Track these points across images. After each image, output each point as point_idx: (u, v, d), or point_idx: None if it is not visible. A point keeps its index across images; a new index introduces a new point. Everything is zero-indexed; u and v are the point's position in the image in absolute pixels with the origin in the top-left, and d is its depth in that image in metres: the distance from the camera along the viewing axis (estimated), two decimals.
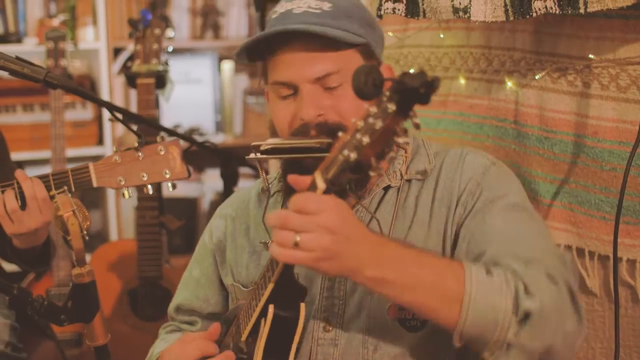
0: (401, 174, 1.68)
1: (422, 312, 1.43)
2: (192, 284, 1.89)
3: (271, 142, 1.60)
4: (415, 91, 1.19)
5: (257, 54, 1.69)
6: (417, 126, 1.23)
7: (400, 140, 1.25)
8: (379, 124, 1.23)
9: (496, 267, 1.42)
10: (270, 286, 1.48)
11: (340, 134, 1.30)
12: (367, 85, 1.23)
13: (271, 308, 1.51)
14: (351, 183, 1.38)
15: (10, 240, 2.12)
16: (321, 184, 1.31)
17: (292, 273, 1.50)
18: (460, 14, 1.96)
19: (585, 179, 1.99)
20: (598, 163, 1.95)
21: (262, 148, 1.59)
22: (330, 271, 1.35)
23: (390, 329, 1.61)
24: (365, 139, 1.24)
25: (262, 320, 1.53)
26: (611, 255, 1.90)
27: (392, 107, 1.22)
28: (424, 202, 1.66)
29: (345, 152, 1.26)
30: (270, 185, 1.80)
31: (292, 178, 1.38)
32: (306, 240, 1.29)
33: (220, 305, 1.86)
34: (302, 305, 1.52)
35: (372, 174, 1.27)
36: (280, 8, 1.67)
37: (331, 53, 1.60)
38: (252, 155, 1.61)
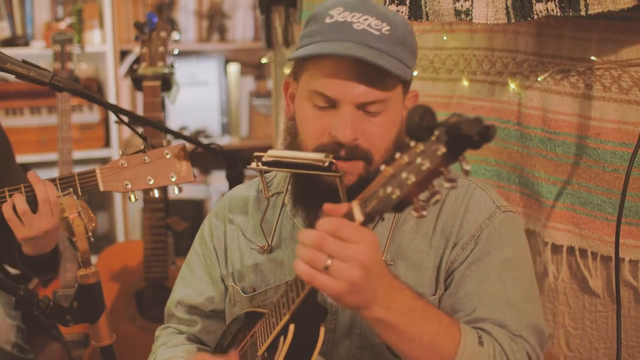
0: None
1: None
2: (195, 281, 1.87)
3: (274, 153, 1.60)
4: (470, 138, 1.16)
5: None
6: (466, 172, 1.20)
7: (447, 184, 1.21)
8: (426, 165, 1.20)
9: (486, 335, 1.50)
10: (294, 307, 1.47)
11: (382, 167, 1.27)
12: (421, 127, 1.19)
13: (292, 327, 1.50)
14: None
15: (19, 248, 2.12)
16: (359, 216, 1.30)
17: (316, 294, 1.48)
18: (462, 16, 1.97)
19: (588, 180, 2.00)
20: (600, 164, 1.96)
21: (264, 159, 1.59)
22: (347, 303, 1.35)
23: (380, 351, 1.62)
24: (411, 178, 1.21)
25: (282, 338, 1.53)
26: (613, 256, 1.91)
27: (442, 149, 1.18)
28: (424, 230, 1.66)
29: (389, 188, 1.24)
30: (269, 185, 1.80)
31: (328, 207, 1.36)
32: (338, 267, 1.28)
33: (222, 303, 1.85)
34: (322, 328, 1.52)
35: (414, 214, 1.25)
36: (337, 14, 1.60)
37: (382, 83, 1.58)
38: (253, 165, 1.61)
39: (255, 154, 1.61)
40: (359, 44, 1.56)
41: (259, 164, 1.60)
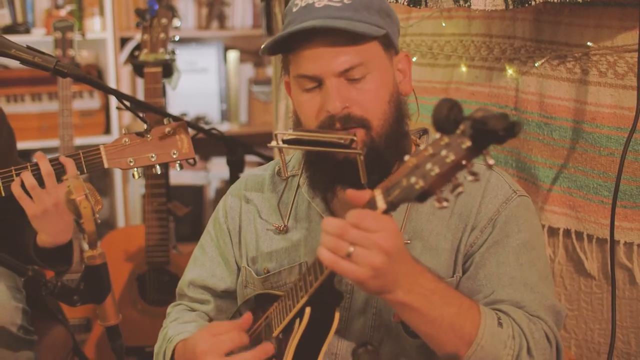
0: None
1: (431, 342, 1.50)
2: (208, 262, 1.89)
3: (294, 132, 1.61)
4: (495, 133, 1.17)
5: (278, 47, 1.69)
6: (489, 167, 1.22)
7: (470, 177, 1.22)
8: (450, 157, 1.21)
9: (505, 316, 1.53)
10: (312, 290, 1.50)
11: (406, 157, 1.29)
12: (448, 120, 1.20)
13: (308, 310, 1.54)
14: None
15: (34, 243, 2.14)
16: (382, 205, 1.33)
17: (333, 279, 1.51)
18: (461, 2, 1.99)
19: (584, 164, 2.03)
20: (596, 148, 1.99)
21: (285, 137, 1.61)
22: (370, 288, 1.38)
23: (393, 330, 1.65)
24: (435, 170, 1.23)
25: (297, 321, 1.56)
26: (609, 239, 1.94)
27: (467, 143, 1.20)
28: (441, 213, 1.68)
29: (413, 178, 1.26)
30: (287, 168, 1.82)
31: (351, 193, 1.39)
32: (360, 254, 1.32)
33: (234, 284, 1.87)
34: (337, 312, 1.55)
35: (436, 204, 1.26)
36: (300, 1, 1.67)
37: (354, 46, 1.61)
38: (273, 144, 1.62)
39: (275, 132, 1.63)
40: (323, 18, 1.61)
41: (280, 141, 1.61)
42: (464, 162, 1.21)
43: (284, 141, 1.61)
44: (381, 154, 1.63)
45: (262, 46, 1.69)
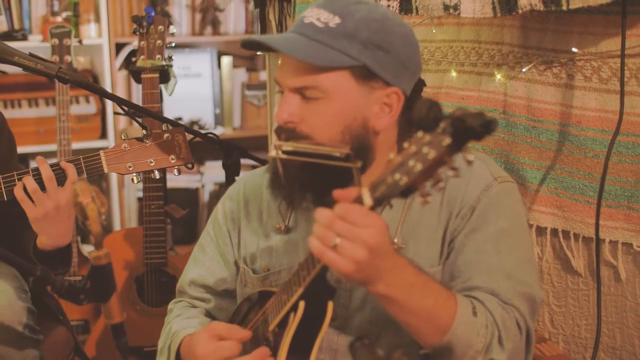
0: None
1: (410, 330, 1.56)
2: (207, 262, 1.93)
3: (293, 144, 1.65)
4: (473, 130, 1.22)
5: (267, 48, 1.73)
6: (469, 163, 1.27)
7: (450, 173, 1.28)
8: (432, 154, 1.26)
9: (480, 305, 1.58)
10: (305, 284, 1.55)
11: (391, 155, 1.34)
12: (428, 119, 1.25)
13: (302, 304, 1.59)
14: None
15: (34, 245, 2.18)
16: (368, 201, 1.37)
17: (325, 273, 1.56)
18: (451, 10, 2.04)
19: (570, 166, 2.08)
20: (582, 150, 2.04)
21: (283, 148, 1.64)
22: (353, 279, 1.43)
23: (390, 322, 1.67)
24: (418, 166, 1.28)
25: (292, 314, 1.61)
26: (594, 237, 2.00)
27: (447, 140, 1.25)
28: (431, 205, 1.70)
29: (397, 175, 1.31)
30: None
31: (338, 192, 1.42)
32: (345, 246, 1.37)
33: (234, 284, 1.91)
34: (330, 304, 1.60)
35: (420, 199, 1.32)
36: (306, 11, 1.70)
37: (315, 69, 1.63)
38: (273, 154, 1.66)
39: (275, 143, 1.66)
40: (299, 34, 1.65)
41: (279, 152, 1.65)
42: (444, 159, 1.27)
43: (283, 152, 1.65)
44: (321, 176, 1.65)
45: (242, 44, 1.72)
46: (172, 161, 2.12)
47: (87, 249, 3.63)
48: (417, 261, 1.54)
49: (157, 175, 2.14)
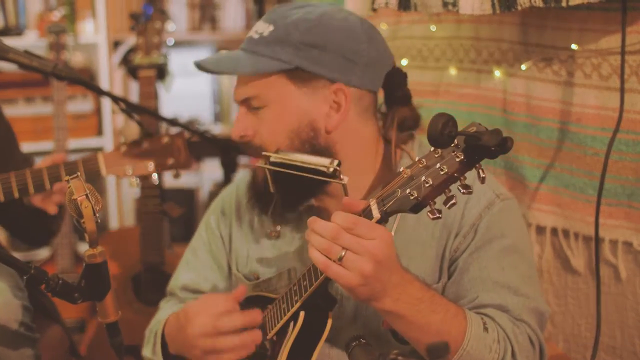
0: None
1: (419, 347, 1.53)
2: (199, 266, 1.92)
3: (281, 155, 1.65)
4: (488, 149, 1.22)
5: None
6: (482, 180, 1.26)
7: (462, 190, 1.27)
8: (444, 170, 1.26)
9: (490, 321, 1.56)
10: (306, 295, 1.54)
11: (402, 168, 1.33)
12: (443, 135, 1.23)
13: (302, 315, 1.58)
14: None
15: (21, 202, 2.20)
16: (376, 214, 1.37)
17: (327, 284, 1.55)
18: (450, 7, 2.03)
19: (570, 163, 2.07)
20: (581, 148, 2.03)
21: (271, 159, 1.64)
22: (359, 295, 1.41)
23: (383, 337, 1.67)
24: (429, 182, 1.27)
25: (291, 324, 1.60)
26: (594, 236, 1.98)
27: (460, 156, 1.24)
28: (427, 220, 1.69)
29: (407, 190, 1.30)
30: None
31: (347, 201, 1.43)
32: (351, 259, 1.35)
33: (225, 288, 1.90)
34: (330, 316, 1.59)
35: (430, 215, 1.31)
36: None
37: (252, 78, 1.66)
38: (261, 164, 1.67)
39: (264, 153, 1.66)
40: (242, 49, 1.70)
41: (267, 163, 1.65)
42: (456, 175, 1.26)
43: (271, 163, 1.65)
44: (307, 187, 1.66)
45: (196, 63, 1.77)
46: (171, 166, 2.11)
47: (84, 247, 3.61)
48: None
49: (155, 179, 2.14)
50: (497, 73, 2.21)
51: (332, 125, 1.67)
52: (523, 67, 2.14)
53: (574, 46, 2.01)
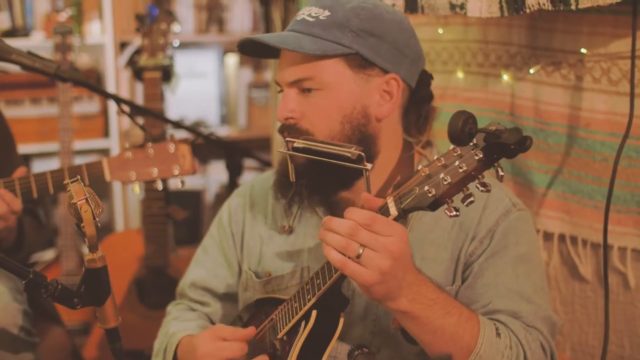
0: None
1: (430, 350, 1.52)
2: (210, 263, 1.91)
3: (305, 140, 1.64)
4: (507, 147, 1.21)
5: (263, 52, 1.73)
6: (501, 179, 1.25)
7: (481, 188, 1.26)
8: (463, 168, 1.26)
9: (503, 326, 1.56)
10: (319, 294, 1.53)
11: (420, 166, 1.32)
12: (463, 133, 1.23)
13: (314, 314, 1.57)
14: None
15: None
16: (394, 211, 1.36)
17: (341, 284, 1.54)
18: (457, 10, 2.01)
19: (578, 169, 2.04)
20: (590, 154, 2.01)
21: (295, 145, 1.63)
22: (375, 294, 1.40)
23: (392, 336, 1.67)
24: (448, 179, 1.27)
25: (303, 323, 1.59)
26: (602, 243, 1.96)
27: (479, 155, 1.24)
28: (444, 223, 1.69)
29: (426, 187, 1.30)
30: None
31: (367, 197, 1.42)
32: (369, 256, 1.34)
33: (236, 286, 1.90)
34: (342, 316, 1.58)
35: (447, 213, 1.30)
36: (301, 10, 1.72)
37: (309, 60, 1.63)
38: (282, 150, 1.65)
39: (287, 139, 1.65)
40: (292, 31, 1.67)
41: (290, 148, 1.64)
42: (474, 173, 1.26)
43: (294, 149, 1.63)
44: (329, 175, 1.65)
45: (238, 44, 1.72)
46: (176, 172, 2.10)
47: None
48: None
49: (160, 185, 2.12)
50: (505, 77, 2.20)
51: (383, 113, 1.68)
52: (531, 70, 2.12)
53: (583, 50, 1.99)
